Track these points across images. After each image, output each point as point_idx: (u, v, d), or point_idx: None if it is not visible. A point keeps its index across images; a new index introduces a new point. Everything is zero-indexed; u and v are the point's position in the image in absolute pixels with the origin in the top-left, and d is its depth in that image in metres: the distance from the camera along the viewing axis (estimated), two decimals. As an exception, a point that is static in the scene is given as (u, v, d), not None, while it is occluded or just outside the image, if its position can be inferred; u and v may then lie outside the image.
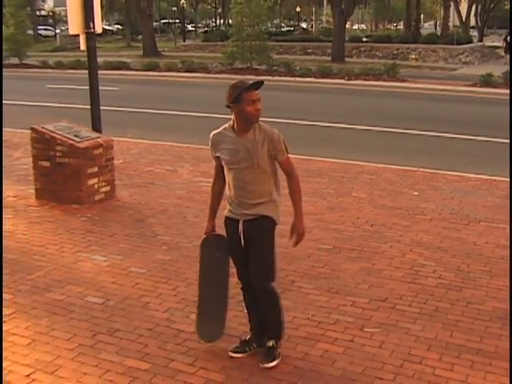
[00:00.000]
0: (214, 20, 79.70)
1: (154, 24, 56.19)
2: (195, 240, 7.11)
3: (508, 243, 7.16)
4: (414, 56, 39.18)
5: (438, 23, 79.53)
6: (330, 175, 10.27)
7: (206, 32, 61.68)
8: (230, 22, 52.69)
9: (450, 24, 61.13)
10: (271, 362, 4.56)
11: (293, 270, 6.33)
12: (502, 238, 7.35)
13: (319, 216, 8.10)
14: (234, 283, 5.01)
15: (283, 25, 72.54)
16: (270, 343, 4.65)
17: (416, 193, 9.28)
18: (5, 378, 4.38)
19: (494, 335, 5.07)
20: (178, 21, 70.65)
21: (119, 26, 75.14)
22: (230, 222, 4.69)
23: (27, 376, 4.39)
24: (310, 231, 7.48)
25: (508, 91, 23.66)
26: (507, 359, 4.70)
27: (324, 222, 7.88)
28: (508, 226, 7.76)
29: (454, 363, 4.65)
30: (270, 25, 41.33)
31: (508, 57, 44.56)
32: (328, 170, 10.58)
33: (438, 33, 53.57)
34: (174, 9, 70.53)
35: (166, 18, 77.24)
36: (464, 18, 59.02)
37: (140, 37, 53.47)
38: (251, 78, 24.71)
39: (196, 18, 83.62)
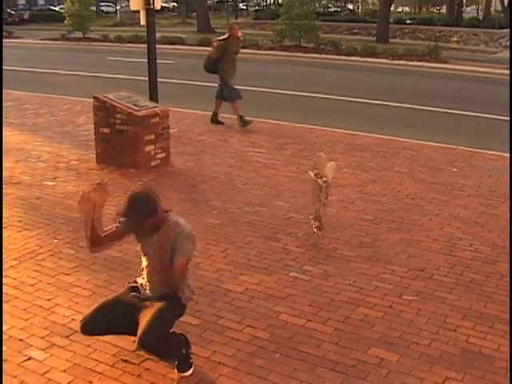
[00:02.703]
0: (264, -1, 78.96)
1: (208, 2, 55.94)
2: (244, 206, 7.15)
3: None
4: (455, 39, 38.34)
5: (480, 8, 77.54)
6: (373, 150, 10.15)
7: (256, 11, 61.23)
8: (280, 1, 52.16)
9: (492, 9, 59.56)
10: (187, 371, 3.99)
11: (336, 237, 6.30)
12: (538, 216, 7.19)
13: (362, 188, 8.03)
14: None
15: (331, 5, 71.39)
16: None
17: (455, 169, 9.12)
18: (68, 325, 4.47)
19: (526, 307, 4.99)
20: (230, -1, 70.21)
21: (175, 4, 74.96)
22: None
23: (88, 325, 4.46)
24: (352, 202, 7.47)
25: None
26: (539, 330, 4.63)
27: (366, 194, 7.81)
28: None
29: (487, 332, 4.60)
30: (318, 5, 40.64)
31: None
32: (371, 145, 10.45)
33: (480, 17, 52.35)
34: (227, -12, 70.08)
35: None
36: (506, 3, 57.46)
37: (194, 14, 53.27)
38: (299, 56, 24.61)
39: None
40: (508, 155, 10.11)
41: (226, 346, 4.30)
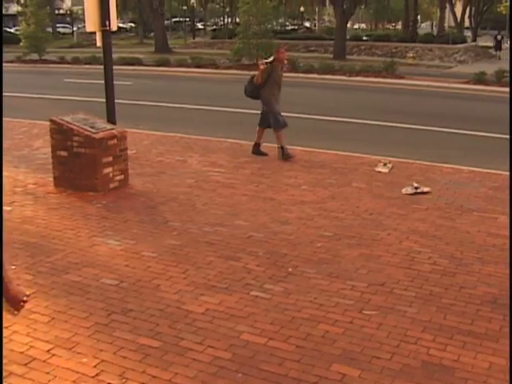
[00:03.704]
0: (222, 19, 79.32)
1: (166, 22, 55.95)
2: (204, 226, 7.15)
3: (499, 232, 7.17)
4: (411, 54, 39.08)
5: (434, 24, 79.16)
6: (332, 166, 10.26)
7: (214, 30, 61.57)
8: (238, 20, 52.48)
9: (446, 25, 60.90)
10: None
11: (296, 255, 6.34)
12: (493, 227, 7.34)
13: (321, 205, 8.10)
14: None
15: (288, 24, 72.22)
16: None
17: (414, 184, 9.26)
18: (27, 352, 4.40)
19: (484, 318, 5.08)
20: (188, 19, 70.43)
21: (132, 24, 74.92)
22: None
23: (47, 351, 4.41)
24: (312, 219, 7.52)
25: (500, 89, 23.67)
26: (496, 340, 4.72)
27: (325, 210, 7.88)
28: (499, 216, 7.77)
29: (447, 344, 4.66)
30: (275, 23, 41.14)
31: (498, 53, 44.58)
32: (330, 162, 10.56)
33: (435, 33, 53.47)
34: (185, 8, 70.31)
35: (176, 17, 76.97)
36: (459, 19, 58.85)
37: (152, 34, 53.29)
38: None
39: (205, 16, 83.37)
40: (464, 168, 10.35)
41: (187, 367, 4.28)
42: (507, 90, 23.36)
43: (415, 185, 8.99)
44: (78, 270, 5.87)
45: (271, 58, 10.96)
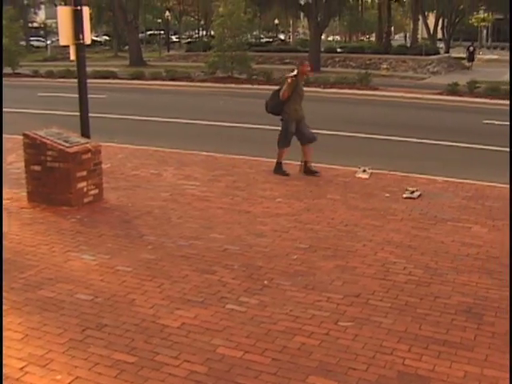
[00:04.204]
0: (197, 31, 79.47)
1: (140, 35, 55.93)
2: (179, 240, 7.14)
3: (473, 241, 7.25)
4: (385, 66, 39.46)
5: (407, 35, 80.00)
6: (307, 178, 10.31)
7: (189, 43, 61.59)
8: (212, 33, 52.64)
9: (419, 36, 61.63)
10: None
11: (271, 267, 6.35)
12: (467, 237, 7.43)
13: (296, 217, 8.13)
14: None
15: (262, 36, 72.53)
16: None
17: (387, 195, 9.34)
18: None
19: (459, 327, 5.13)
20: (162, 32, 70.47)
21: (107, 37, 74.78)
22: None
23: (21, 369, 4.36)
24: (287, 231, 7.54)
25: (473, 99, 23.99)
26: (471, 349, 4.77)
27: (301, 222, 7.91)
28: (472, 226, 7.87)
29: (422, 354, 4.69)
30: (249, 36, 41.36)
31: (471, 64, 45.21)
32: (305, 174, 10.59)
33: (408, 44, 54.00)
34: (159, 21, 70.35)
35: (151, 30, 76.99)
36: (432, 31, 59.53)
37: (127, 47, 53.20)
38: (232, 87, 24.89)
39: (180, 29, 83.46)
40: (438, 178, 10.46)
41: (163, 382, 4.26)
42: (480, 100, 23.77)
43: (410, 189, 9.36)
44: (52, 285, 5.83)
45: (294, 72, 10.59)
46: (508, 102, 23.07)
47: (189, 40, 71.48)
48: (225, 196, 9.12)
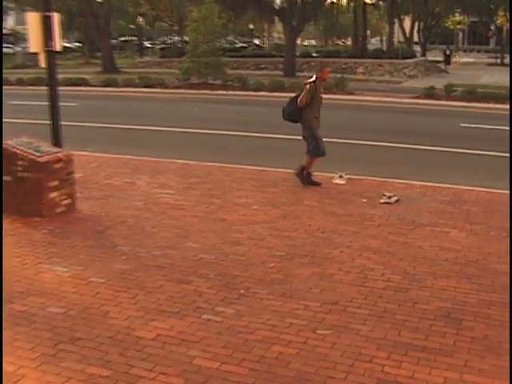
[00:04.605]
0: (170, 37, 79.40)
1: (113, 41, 55.75)
2: (154, 250, 7.12)
3: (451, 246, 7.32)
4: (361, 70, 39.73)
5: (383, 39, 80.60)
6: (283, 185, 10.34)
7: (163, 49, 61.40)
8: (186, 39, 52.62)
9: (395, 40, 62.02)
10: None
11: (248, 276, 6.35)
12: (445, 242, 7.50)
13: (273, 224, 8.15)
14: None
15: (237, 41, 72.62)
16: None
17: (364, 200, 9.40)
18: (-32, 388, 4.31)
19: (438, 333, 5.17)
20: (135, 38, 70.27)
21: (79, 44, 74.42)
22: None
23: (-10, 386, 4.32)
24: (263, 239, 7.55)
25: (450, 103, 24.23)
26: (451, 355, 4.81)
27: (277, 229, 7.93)
28: (451, 230, 7.94)
29: (401, 360, 4.72)
30: (224, 41, 41.29)
31: (447, 67, 45.72)
32: (281, 180, 10.64)
33: (384, 48, 54.39)
34: (132, 26, 70.13)
35: (124, 36, 76.74)
36: (408, 34, 60.06)
37: (99, 54, 53.00)
38: (206, 93, 24.88)
39: (153, 35, 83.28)
40: (416, 183, 10.55)
41: (138, 396, 4.25)
42: (456, 103, 24.02)
43: (388, 194, 9.43)
44: (23, 299, 5.78)
45: (313, 78, 10.33)
46: (485, 105, 23.47)
47: (162, 46, 71.32)
48: (200, 204, 9.11)
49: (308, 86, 10.17)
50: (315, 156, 10.35)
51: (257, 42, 79.38)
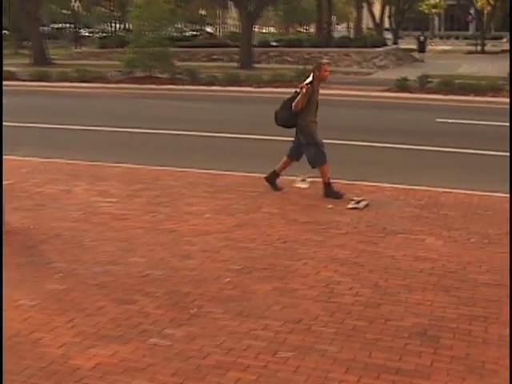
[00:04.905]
0: (111, 25, 79.02)
1: (44, 29, 55.19)
2: (93, 266, 7.07)
3: (426, 255, 7.42)
4: (326, 61, 39.95)
5: (350, 25, 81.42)
6: (239, 190, 10.36)
7: (102, 38, 61.04)
8: (129, 26, 52.39)
9: (364, 26, 62.85)
10: None
11: (200, 293, 6.34)
12: (419, 250, 7.60)
13: (227, 234, 8.16)
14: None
15: (187, 29, 72.57)
16: None
17: (330, 206, 9.47)
18: None
19: (413, 352, 5.22)
20: (70, 25, 69.67)
21: (6, 32, 73.57)
22: None
23: None
24: (218, 251, 7.56)
25: (424, 95, 24.57)
26: (428, 377, 4.85)
27: (233, 240, 7.94)
28: (426, 238, 8.05)
29: (372, 384, 4.77)
30: (172, 29, 41.18)
31: (421, 56, 46.40)
32: (237, 185, 10.67)
33: (351, 36, 54.99)
34: (67, 12, 69.48)
35: (57, 23, 76.02)
36: (378, 20, 60.76)
37: (29, 43, 52.37)
38: (152, 88, 24.86)
39: (91, 22, 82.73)
40: (387, 185, 10.66)
41: (75, 433, 4.20)
42: (432, 96, 24.38)
43: (356, 199, 9.53)
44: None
45: (310, 79, 10.06)
46: (464, 98, 23.87)
47: (102, 34, 70.86)
48: (146, 214, 9.07)
49: (305, 90, 9.87)
50: (322, 164, 10.10)
51: (209, 29, 79.51)
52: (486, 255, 7.45)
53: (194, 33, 67.00)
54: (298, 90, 10.06)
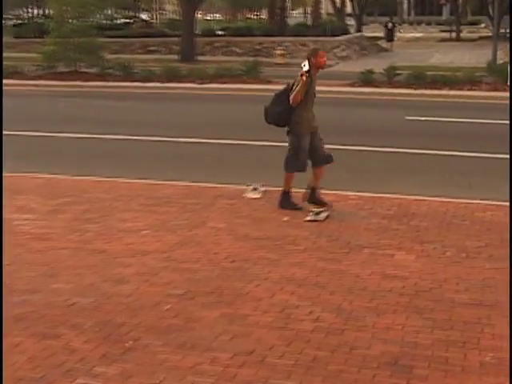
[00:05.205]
0: (27, 10, 78.26)
1: None
2: (9, 295, 6.95)
3: (396, 272, 7.49)
4: (279, 51, 40.14)
5: (307, 11, 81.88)
6: (181, 202, 10.35)
7: (17, 25, 60.42)
8: (49, 12, 51.94)
9: (323, 12, 63.18)
10: None
11: (137, 323, 6.31)
12: (388, 267, 7.66)
13: (168, 254, 8.14)
14: None
15: (118, 16, 72.19)
16: None
17: (286, 218, 9.52)
18: None
19: (382, 385, 5.26)
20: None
21: None
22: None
23: None
24: (156, 274, 7.53)
25: (392, 90, 24.84)
26: (399, 413, 4.89)
27: (174, 260, 7.92)
28: (396, 253, 8.13)
29: (337, 424, 4.80)
30: (100, 16, 40.94)
31: (390, 45, 46.96)
32: (178, 197, 10.66)
33: (309, 22, 55.30)
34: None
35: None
36: (338, 5, 61.26)
37: None
38: (78, 85, 24.57)
39: (4, 7, 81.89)
40: (351, 193, 10.73)
41: None
42: (400, 91, 24.68)
43: (315, 209, 9.63)
44: None
45: (306, 66, 9.72)
46: (437, 92, 24.20)
47: (17, 22, 70.12)
48: (72, 232, 9.01)
49: (304, 77, 9.61)
50: (292, 170, 10.13)
51: (144, 16, 79.23)
52: (463, 271, 7.55)
53: (127, 20, 66.69)
54: (293, 81, 9.95)
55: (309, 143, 10.03)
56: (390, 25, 48.66)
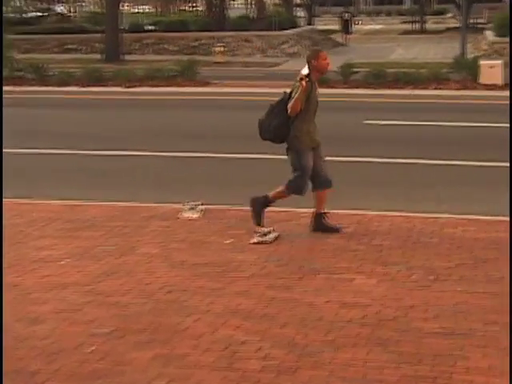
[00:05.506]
0: None
1: None
2: None
3: (356, 299, 7.52)
4: (219, 48, 40.20)
5: (251, 1, 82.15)
6: (107, 226, 10.30)
7: None
8: None
9: (268, 2, 63.35)
10: None
11: (54, 370, 6.23)
12: (347, 294, 7.69)
13: (92, 286, 8.09)
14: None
15: (29, 9, 71.58)
16: None
17: (228, 241, 9.52)
18: None
19: (342, 431, 5.29)
20: None
21: None
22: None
23: None
24: (79, 309, 7.49)
25: (348, 91, 25.03)
26: None
27: (100, 294, 7.87)
28: (355, 277, 8.16)
29: None
30: (8, 9, 40.58)
31: (346, 38, 47.35)
32: (104, 219, 10.62)
33: (252, 15, 55.45)
34: None
35: None
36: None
37: None
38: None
39: None
40: (303, 210, 10.75)
41: None
42: (358, 92, 24.95)
43: (262, 230, 9.63)
44: None
45: (306, 70, 9.77)
46: (399, 92, 24.48)
47: None
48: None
49: (304, 83, 9.43)
50: (290, 193, 9.95)
51: (60, 9, 78.72)
52: (432, 296, 7.60)
53: (40, 14, 66.16)
54: (290, 89, 9.83)
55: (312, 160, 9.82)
56: (346, 16, 49.05)
